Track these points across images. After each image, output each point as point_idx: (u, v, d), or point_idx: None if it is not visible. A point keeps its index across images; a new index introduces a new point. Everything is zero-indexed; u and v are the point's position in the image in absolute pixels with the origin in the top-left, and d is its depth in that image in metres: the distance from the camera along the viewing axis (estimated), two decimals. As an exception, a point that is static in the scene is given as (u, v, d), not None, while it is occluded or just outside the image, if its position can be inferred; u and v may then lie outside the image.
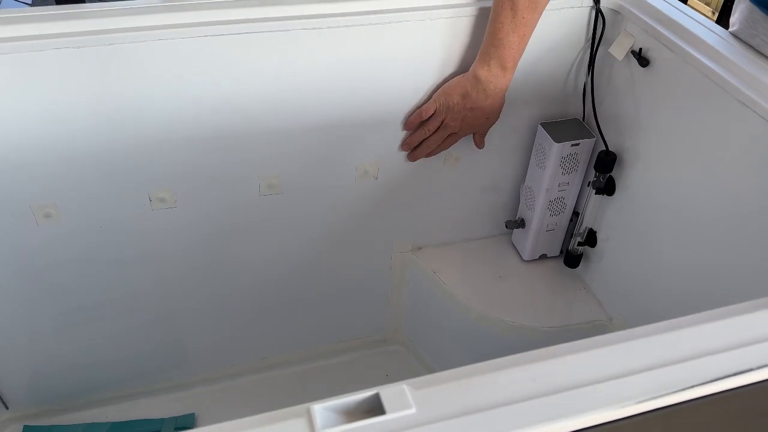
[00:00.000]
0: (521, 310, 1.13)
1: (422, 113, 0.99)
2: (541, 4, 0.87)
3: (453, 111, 0.97)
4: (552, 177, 1.07)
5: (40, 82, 0.81)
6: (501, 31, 0.88)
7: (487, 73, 0.92)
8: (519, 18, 0.87)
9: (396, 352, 1.37)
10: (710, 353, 0.42)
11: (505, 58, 0.90)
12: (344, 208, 1.10)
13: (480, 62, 0.92)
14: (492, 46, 0.90)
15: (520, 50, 0.91)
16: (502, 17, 0.87)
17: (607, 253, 1.12)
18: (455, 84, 0.96)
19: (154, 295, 1.11)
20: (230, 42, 0.85)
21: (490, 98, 0.95)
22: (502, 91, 0.95)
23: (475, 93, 0.94)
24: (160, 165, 0.94)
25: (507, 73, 0.93)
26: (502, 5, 0.87)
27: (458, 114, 0.97)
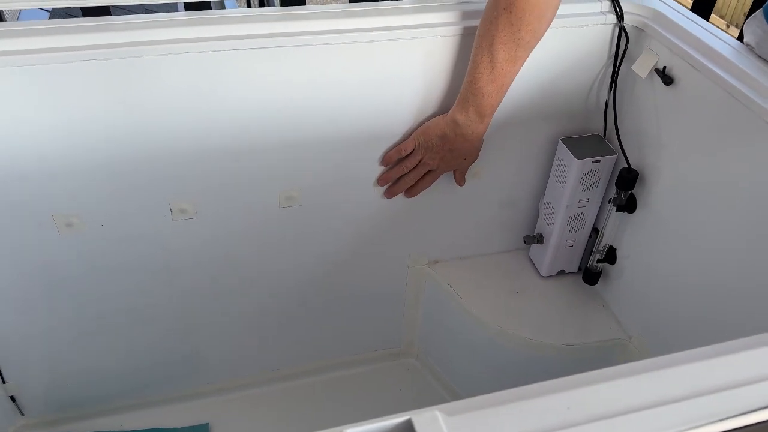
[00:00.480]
0: (539, 326, 1.12)
1: (401, 150, 0.99)
2: (521, 57, 0.86)
3: (432, 150, 0.97)
4: (572, 193, 1.06)
5: (65, 93, 0.82)
6: (479, 81, 0.87)
7: (464, 118, 0.92)
8: (498, 70, 0.86)
9: (410, 366, 1.36)
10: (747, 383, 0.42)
11: (483, 106, 0.90)
12: (362, 220, 1.10)
13: (459, 107, 0.92)
14: (471, 93, 0.89)
15: (498, 98, 0.90)
16: (480, 68, 0.86)
17: (627, 270, 1.11)
18: (434, 125, 0.96)
19: (172, 304, 1.11)
20: (253, 56, 0.85)
21: (467, 142, 0.95)
22: (479, 135, 0.95)
23: (453, 135, 0.94)
24: (182, 176, 0.94)
25: (485, 119, 0.92)
26: (481, 57, 0.85)
27: (437, 154, 0.97)
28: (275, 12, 0.88)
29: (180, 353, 1.20)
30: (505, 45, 0.83)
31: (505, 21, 0.81)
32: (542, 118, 1.07)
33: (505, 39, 0.83)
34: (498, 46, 0.83)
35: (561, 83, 1.03)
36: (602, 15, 0.97)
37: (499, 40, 0.83)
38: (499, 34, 0.82)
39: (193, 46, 0.83)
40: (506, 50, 0.83)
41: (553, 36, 0.95)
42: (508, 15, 0.81)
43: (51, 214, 0.93)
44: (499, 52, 0.84)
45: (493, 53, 0.84)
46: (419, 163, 1.00)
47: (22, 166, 0.87)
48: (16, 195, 0.89)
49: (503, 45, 0.83)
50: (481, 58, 0.85)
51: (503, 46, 0.83)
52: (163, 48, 0.82)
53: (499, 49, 0.83)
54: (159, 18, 0.84)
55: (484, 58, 0.85)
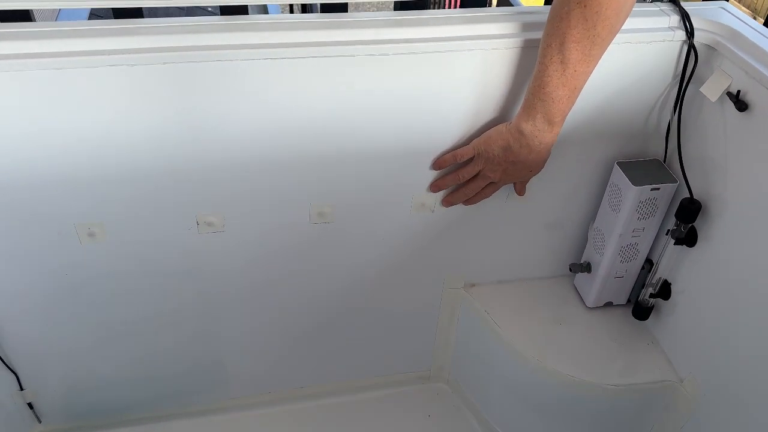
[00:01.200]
0: (582, 362, 1.04)
1: (457, 156, 0.92)
2: (595, 56, 0.77)
3: (493, 162, 0.89)
4: (626, 222, 0.98)
5: (89, 100, 0.78)
6: (549, 84, 0.78)
7: (531, 128, 0.83)
8: (570, 72, 0.77)
9: (440, 391, 1.29)
10: None
11: (553, 112, 0.81)
12: (396, 240, 1.04)
13: (524, 115, 0.83)
14: (538, 99, 0.80)
15: (570, 103, 0.81)
16: (550, 71, 0.77)
17: (682, 307, 1.02)
18: (496, 134, 0.88)
19: (195, 317, 1.07)
20: (291, 65, 0.79)
21: (534, 153, 0.86)
22: (548, 145, 0.86)
23: (518, 147, 0.86)
24: (209, 189, 0.90)
25: (554, 128, 0.83)
26: (550, 58, 0.76)
27: (499, 166, 0.90)
28: (317, 19, 0.82)
29: (202, 366, 1.15)
30: (579, 43, 0.74)
31: (578, 16, 0.73)
32: (598, 138, 0.99)
33: (578, 36, 0.74)
34: (570, 44, 0.74)
35: (620, 102, 0.95)
36: (670, 31, 0.88)
37: (571, 38, 0.74)
38: (571, 31, 0.74)
39: (228, 53, 0.77)
40: (580, 49, 0.75)
41: (615, 51, 0.87)
42: (582, 9, 0.72)
43: (73, 223, 0.89)
44: (572, 52, 0.75)
45: (564, 53, 0.75)
46: (478, 174, 0.92)
47: (44, 174, 0.83)
48: (38, 203, 0.86)
49: (576, 43, 0.74)
50: (550, 59, 0.76)
51: (576, 45, 0.74)
52: (196, 54, 0.77)
53: (571, 48, 0.75)
54: (192, 22, 0.79)
55: (554, 59, 0.76)
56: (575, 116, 0.94)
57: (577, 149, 0.99)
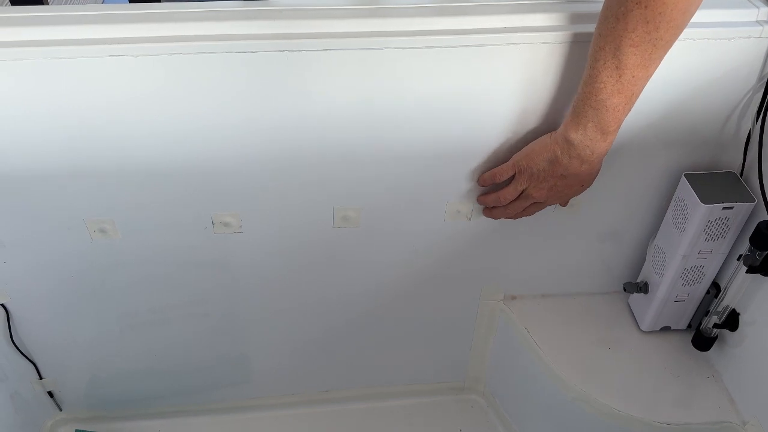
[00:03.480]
0: (630, 393, 0.93)
1: (496, 175, 0.82)
2: (656, 59, 0.66)
3: (538, 179, 0.79)
4: (692, 242, 0.86)
5: (99, 92, 0.71)
6: (602, 92, 0.68)
7: (582, 137, 0.73)
8: (626, 78, 0.66)
9: (474, 404, 1.21)
10: None
11: (607, 122, 0.70)
12: (429, 249, 0.95)
13: (573, 123, 0.72)
14: (590, 107, 0.70)
15: (626, 111, 0.70)
16: (603, 77, 0.67)
17: (750, 340, 0.89)
18: (540, 147, 0.77)
19: (214, 315, 1.02)
20: (310, 58, 0.71)
21: (585, 164, 0.75)
22: (601, 155, 0.75)
23: (567, 159, 0.75)
24: (226, 188, 0.83)
25: (609, 137, 0.73)
26: (603, 63, 0.66)
27: (545, 182, 0.79)
28: (345, 6, 0.73)
29: (224, 363, 1.11)
30: (638, 48, 0.64)
31: (638, 18, 0.62)
32: (664, 146, 0.86)
33: (637, 40, 0.63)
34: (628, 49, 0.64)
35: (693, 105, 0.82)
36: (758, 26, 0.75)
37: (629, 42, 0.64)
38: (629, 34, 0.63)
39: (243, 44, 0.69)
40: (639, 54, 0.64)
41: (688, 47, 0.76)
42: (643, 10, 0.61)
43: (83, 218, 0.84)
44: (629, 57, 0.65)
45: (620, 58, 0.65)
46: (522, 194, 0.82)
47: (54, 166, 0.78)
48: (48, 196, 0.81)
49: (635, 48, 0.64)
50: (603, 64, 0.66)
51: (635, 49, 0.64)
52: (205, 46, 0.69)
53: (629, 53, 0.64)
54: (203, 8, 0.72)
55: (608, 65, 0.66)
56: (639, 120, 0.83)
57: (639, 157, 0.87)
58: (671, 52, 0.74)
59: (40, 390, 1.08)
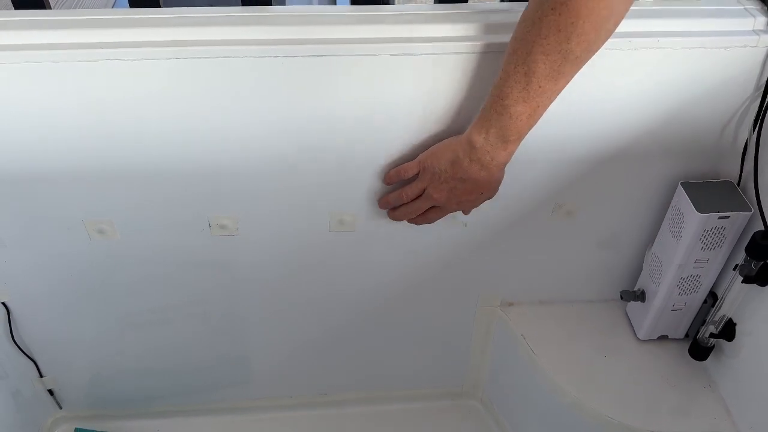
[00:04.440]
0: (626, 402, 0.93)
1: (401, 172, 0.81)
2: (566, 74, 0.64)
3: (439, 179, 0.77)
4: (688, 252, 0.86)
5: (98, 94, 0.72)
6: (508, 97, 0.66)
7: (484, 142, 0.71)
8: (533, 87, 0.65)
9: (472, 409, 1.21)
10: None
11: (509, 129, 0.69)
12: (426, 254, 0.95)
13: (478, 126, 0.71)
14: (495, 111, 0.69)
15: (530, 123, 0.69)
16: (512, 81, 0.65)
17: (747, 351, 0.89)
18: (445, 147, 0.77)
19: (216, 313, 1.02)
20: (306, 64, 0.72)
21: (485, 170, 0.74)
22: (500, 164, 0.74)
23: (468, 162, 0.74)
24: (222, 191, 0.84)
25: (509, 146, 0.71)
26: (514, 67, 0.65)
27: (445, 184, 0.77)
28: (341, 13, 0.74)
29: (224, 363, 1.11)
30: (548, 56, 0.63)
31: (551, 24, 0.61)
32: (661, 154, 0.86)
33: (548, 48, 0.62)
34: (538, 56, 0.63)
35: (689, 114, 0.82)
36: (754, 35, 0.75)
37: (540, 49, 0.62)
38: (541, 40, 0.62)
39: (240, 50, 0.70)
40: (548, 63, 0.63)
41: (685, 57, 0.76)
42: (557, 18, 0.60)
43: (82, 219, 0.85)
44: (539, 65, 0.63)
45: (529, 65, 0.64)
46: (423, 194, 0.81)
47: (53, 167, 0.79)
48: (48, 197, 0.82)
49: (545, 56, 0.63)
50: (513, 68, 0.65)
51: (544, 57, 0.63)
52: (204, 50, 0.70)
53: (538, 60, 0.63)
54: (200, 14, 0.73)
55: (518, 69, 0.65)
56: (638, 128, 0.83)
57: (637, 165, 0.87)
58: (669, 59, 0.75)
59: (41, 388, 1.09)
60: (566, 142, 0.83)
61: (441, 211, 0.83)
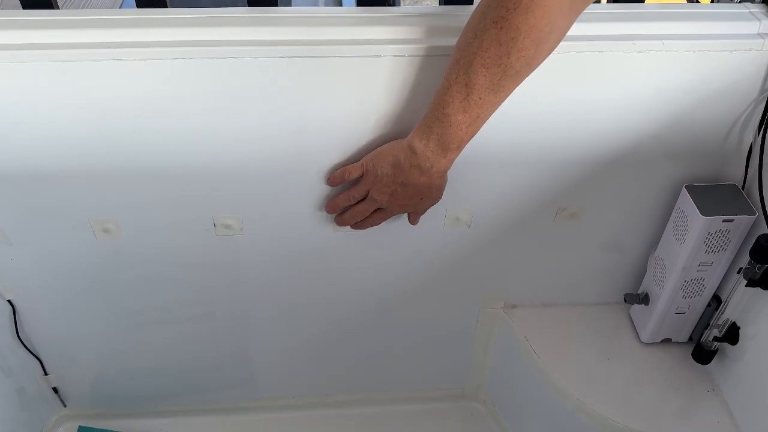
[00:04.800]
0: (629, 405, 0.93)
1: (345, 173, 0.81)
2: (505, 87, 0.65)
3: (381, 182, 0.77)
4: (692, 255, 0.86)
5: (106, 94, 0.73)
6: (448, 106, 0.67)
7: (424, 148, 0.71)
8: (473, 98, 0.65)
9: (474, 411, 1.21)
10: None
11: (449, 137, 0.69)
12: (429, 255, 0.95)
13: (419, 132, 0.72)
14: (436, 119, 0.69)
15: (470, 132, 0.69)
16: (453, 91, 0.66)
17: (751, 354, 0.89)
18: (387, 150, 0.77)
19: (216, 317, 1.03)
20: (311, 64, 0.72)
21: (424, 176, 0.74)
22: (440, 171, 0.74)
23: (408, 166, 0.74)
24: (226, 191, 0.84)
25: (448, 154, 0.72)
26: (455, 77, 0.65)
27: (386, 187, 0.78)
28: (346, 14, 0.74)
29: (227, 364, 1.12)
30: (488, 69, 0.63)
31: (492, 38, 0.61)
32: (665, 157, 0.86)
33: (489, 61, 0.62)
34: (478, 68, 0.63)
35: (693, 117, 0.82)
36: (759, 38, 0.75)
37: (481, 61, 0.63)
38: (482, 53, 0.62)
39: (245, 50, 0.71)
40: (488, 76, 0.63)
41: (690, 60, 0.76)
42: (498, 31, 0.60)
43: (87, 219, 0.86)
44: (479, 77, 0.64)
45: (470, 76, 0.64)
46: (367, 196, 0.81)
47: (60, 167, 0.80)
48: (54, 196, 0.83)
49: (485, 69, 0.63)
50: (455, 78, 0.65)
51: (485, 71, 0.63)
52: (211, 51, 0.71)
53: (479, 72, 0.63)
54: (214, 14, 0.73)
55: (459, 79, 0.65)
56: (642, 132, 0.83)
57: (641, 168, 0.87)
58: (674, 61, 0.75)
59: (45, 386, 1.10)
60: (570, 144, 0.84)
61: (385, 213, 0.83)
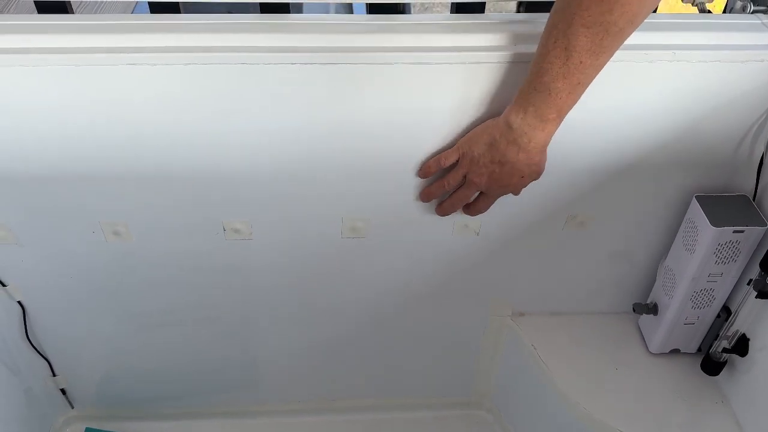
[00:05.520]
0: (636, 415, 0.92)
1: (440, 160, 0.80)
2: (607, 49, 0.62)
3: (478, 163, 0.76)
4: (701, 265, 0.85)
5: (118, 98, 0.73)
6: (547, 73, 0.65)
7: (521, 122, 0.70)
8: (574, 62, 0.63)
9: (480, 419, 1.20)
10: None
11: (547, 107, 0.67)
12: (437, 262, 0.95)
13: (515, 106, 0.70)
14: (533, 89, 0.67)
15: (570, 101, 0.67)
16: (551, 57, 0.64)
17: (760, 366, 0.88)
18: (482, 130, 0.75)
19: (223, 321, 1.03)
20: (322, 71, 0.72)
21: (523, 152, 0.72)
22: (539, 145, 0.72)
23: (505, 144, 0.72)
24: (236, 196, 0.85)
25: (548, 126, 0.69)
26: (553, 42, 0.63)
27: (483, 168, 0.76)
28: (357, 22, 0.75)
29: (233, 367, 1.12)
30: (589, 29, 0.60)
31: None
32: (675, 166, 0.86)
33: (589, 20, 0.60)
34: (578, 29, 0.61)
35: (704, 127, 0.82)
36: (772, 49, 0.74)
37: (580, 21, 0.60)
38: (582, 12, 0.60)
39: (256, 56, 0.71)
40: (589, 36, 0.61)
41: (701, 70, 0.75)
42: None
43: (98, 221, 0.86)
44: (579, 38, 0.61)
45: (570, 38, 0.61)
46: (466, 181, 0.80)
47: (71, 169, 0.80)
48: (65, 198, 0.83)
49: (586, 29, 0.60)
50: (553, 43, 0.63)
51: (586, 30, 0.61)
52: (221, 56, 0.71)
53: (579, 33, 0.61)
54: (218, 20, 0.74)
55: (558, 44, 0.63)
56: (653, 140, 0.83)
57: (651, 176, 0.87)
58: (685, 72, 0.75)
59: (53, 387, 1.10)
60: (580, 153, 0.83)
61: (488, 198, 0.82)
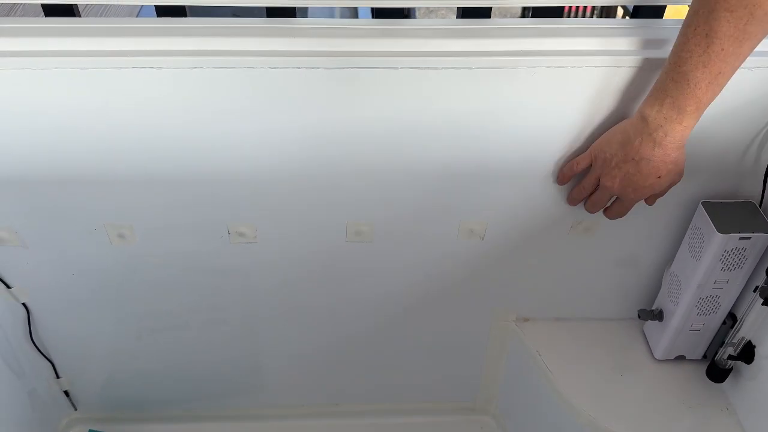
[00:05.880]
0: (642, 423, 0.92)
1: (573, 166, 0.79)
2: (751, 36, 0.59)
3: (610, 165, 0.74)
4: (708, 272, 0.85)
5: (121, 100, 0.74)
6: (686, 62, 0.62)
7: (656, 114, 0.67)
8: (715, 49, 0.60)
9: (484, 425, 1.20)
10: None
11: (686, 98, 0.64)
12: (442, 266, 0.95)
13: (651, 98, 0.68)
14: (671, 80, 0.64)
15: (710, 93, 0.64)
16: (691, 45, 0.61)
17: (766, 373, 0.87)
18: (615, 130, 0.74)
19: (231, 321, 1.03)
20: (328, 76, 0.72)
21: (658, 148, 0.69)
22: (676, 140, 0.69)
23: (639, 140, 0.69)
24: (241, 199, 0.85)
25: (685, 119, 0.66)
26: (693, 29, 0.60)
27: (617, 170, 0.73)
28: (364, 26, 0.74)
29: (238, 371, 1.12)
30: (732, 13, 0.57)
31: None
32: (682, 173, 0.86)
33: (732, 4, 0.57)
34: (721, 13, 0.58)
35: (711, 134, 0.81)
36: (780, 55, 0.74)
37: (723, 5, 0.57)
38: None
39: (263, 60, 0.71)
40: (733, 21, 0.58)
41: (709, 76, 0.75)
42: None
43: (103, 223, 0.86)
44: (722, 23, 0.58)
45: (711, 24, 0.58)
46: (599, 185, 0.78)
47: (77, 172, 0.80)
48: (70, 201, 0.84)
49: (729, 13, 0.57)
50: (693, 30, 0.60)
51: (728, 14, 0.58)
52: (228, 61, 0.71)
53: (721, 18, 0.58)
54: (225, 24, 0.74)
55: (699, 30, 0.60)
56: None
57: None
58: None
59: (57, 389, 1.10)
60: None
61: (622, 204, 0.80)
